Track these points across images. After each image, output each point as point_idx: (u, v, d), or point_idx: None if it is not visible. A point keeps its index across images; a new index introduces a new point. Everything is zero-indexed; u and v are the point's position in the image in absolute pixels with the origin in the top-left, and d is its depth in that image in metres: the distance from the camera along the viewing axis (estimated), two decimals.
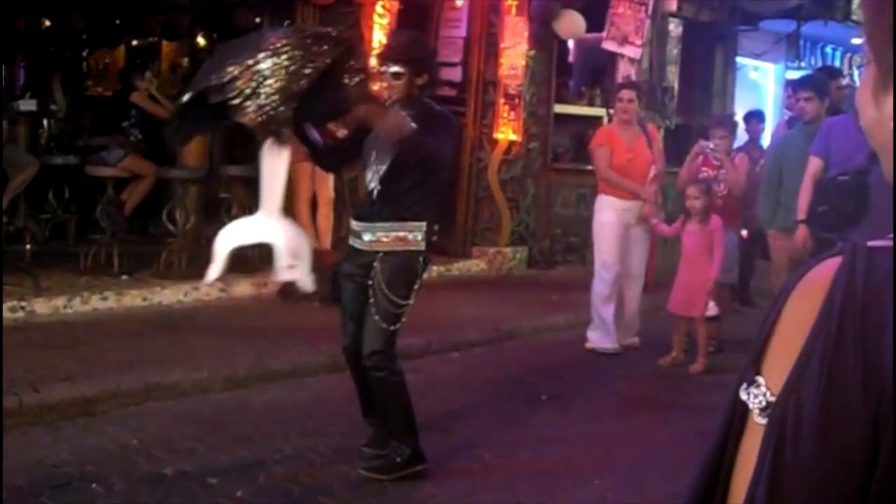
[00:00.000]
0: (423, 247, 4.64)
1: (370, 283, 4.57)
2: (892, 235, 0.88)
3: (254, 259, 8.56)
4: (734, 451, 0.90)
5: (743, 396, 0.89)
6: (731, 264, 7.35)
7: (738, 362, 0.94)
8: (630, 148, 7.43)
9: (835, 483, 0.82)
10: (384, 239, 4.60)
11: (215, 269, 4.45)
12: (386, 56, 4.73)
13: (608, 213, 7.46)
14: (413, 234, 4.61)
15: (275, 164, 4.38)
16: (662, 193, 8.64)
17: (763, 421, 0.86)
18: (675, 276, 7.22)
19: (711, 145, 7.47)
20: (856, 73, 14.14)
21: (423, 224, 4.63)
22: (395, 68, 4.60)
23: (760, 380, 0.88)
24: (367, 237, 4.65)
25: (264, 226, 4.47)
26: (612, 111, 8.31)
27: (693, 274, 6.98)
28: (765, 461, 0.84)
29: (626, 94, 7.50)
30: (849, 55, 15.01)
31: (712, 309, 7.03)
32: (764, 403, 0.87)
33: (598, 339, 7.45)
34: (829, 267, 0.88)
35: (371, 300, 4.58)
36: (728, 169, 7.38)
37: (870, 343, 0.82)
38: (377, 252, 4.60)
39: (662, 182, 7.79)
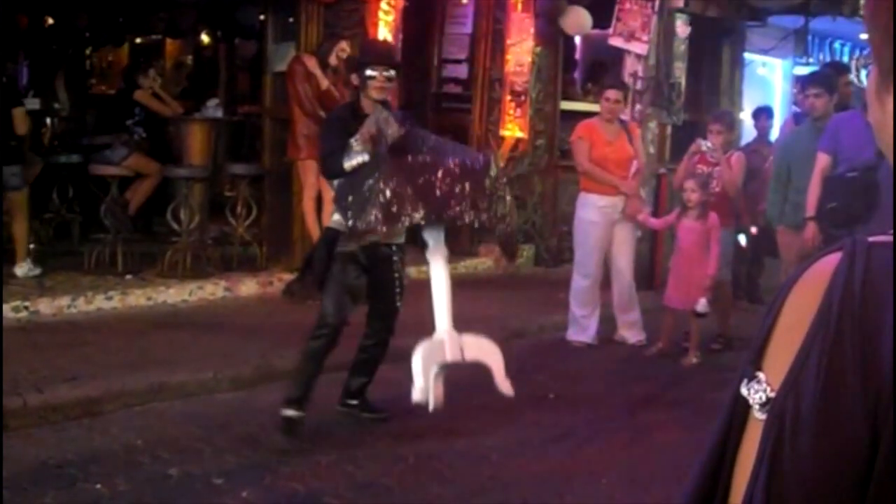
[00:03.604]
0: None
1: (396, 274, 5.22)
2: (892, 231, 0.87)
3: (258, 259, 8.55)
4: (735, 446, 0.90)
5: (743, 392, 0.89)
6: (722, 262, 7.34)
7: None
8: (609, 142, 7.45)
9: (833, 479, 0.81)
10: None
11: (422, 391, 4.50)
12: (387, 60, 5.32)
13: (589, 212, 7.45)
14: None
15: (441, 281, 4.74)
16: (661, 190, 8.64)
17: (763, 417, 0.86)
18: (670, 271, 7.27)
19: (709, 144, 7.44)
20: (862, 73, 14.09)
21: None
22: (391, 72, 5.22)
23: (761, 375, 0.88)
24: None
25: (453, 342, 4.69)
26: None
27: (691, 270, 7.00)
28: (764, 457, 0.84)
29: (612, 94, 7.48)
30: (855, 55, 14.94)
31: (704, 306, 7.01)
32: (764, 399, 0.87)
33: (572, 333, 7.56)
34: (829, 262, 0.88)
35: (398, 290, 5.22)
36: (724, 167, 7.35)
37: (868, 339, 0.82)
38: (392, 245, 5.17)
39: (644, 177, 7.80)
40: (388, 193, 4.50)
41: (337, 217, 5.12)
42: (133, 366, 5.93)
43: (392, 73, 5.24)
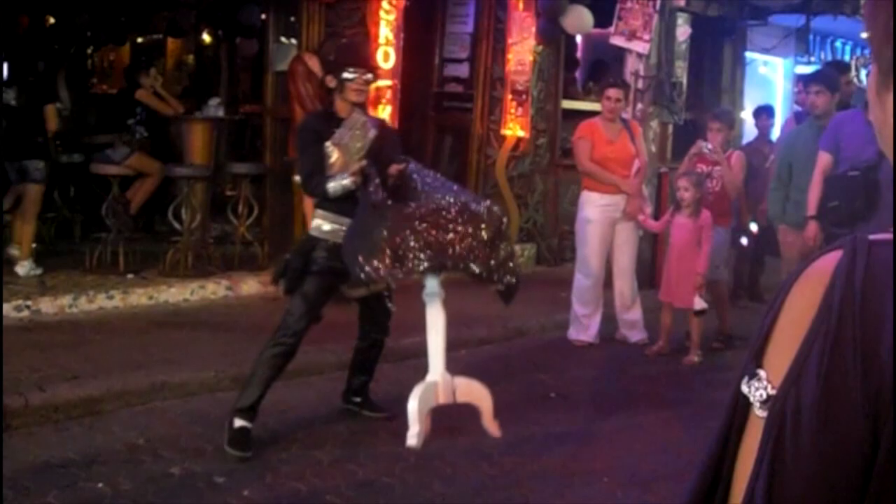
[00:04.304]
0: None
1: None
2: (893, 229, 0.87)
3: (259, 258, 8.55)
4: (736, 444, 0.90)
5: (744, 389, 0.89)
6: (717, 261, 7.34)
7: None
8: (611, 141, 7.46)
9: (834, 477, 0.82)
10: None
11: (418, 435, 4.51)
12: (365, 63, 5.30)
13: (590, 211, 7.46)
14: None
15: (437, 324, 4.72)
16: (662, 190, 8.62)
17: (764, 414, 0.86)
18: (664, 267, 7.32)
19: (710, 146, 7.45)
20: (862, 72, 14.11)
21: None
22: (369, 74, 5.20)
23: (761, 373, 0.88)
24: None
25: (446, 385, 4.73)
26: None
27: (681, 266, 7.03)
28: (765, 454, 0.84)
29: (614, 93, 7.48)
30: (856, 54, 14.95)
31: (699, 303, 7.03)
32: (765, 396, 0.87)
33: (574, 332, 7.56)
34: (829, 260, 0.88)
35: (386, 293, 5.18)
36: (724, 166, 7.36)
37: (869, 336, 0.82)
38: None
39: (646, 176, 7.82)
40: (394, 245, 4.49)
41: (316, 224, 5.11)
42: (135, 365, 5.93)
43: (370, 75, 5.21)
